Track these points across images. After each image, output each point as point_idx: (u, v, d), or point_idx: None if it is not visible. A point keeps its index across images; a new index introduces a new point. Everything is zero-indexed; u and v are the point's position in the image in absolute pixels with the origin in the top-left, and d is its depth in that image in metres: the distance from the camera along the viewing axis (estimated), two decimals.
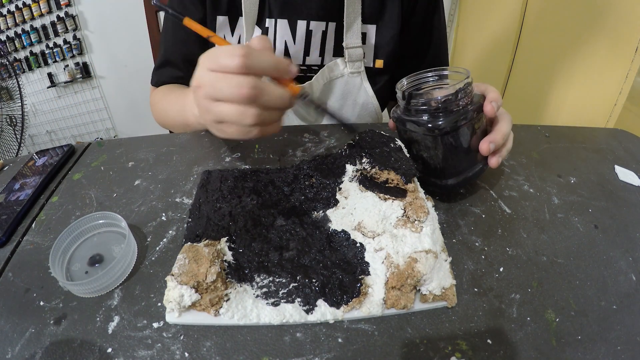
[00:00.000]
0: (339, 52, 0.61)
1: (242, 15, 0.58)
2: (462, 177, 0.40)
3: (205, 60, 0.35)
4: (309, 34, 0.60)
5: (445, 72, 0.40)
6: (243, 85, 0.33)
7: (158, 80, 0.66)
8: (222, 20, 0.60)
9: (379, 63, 0.63)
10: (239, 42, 0.61)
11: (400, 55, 0.64)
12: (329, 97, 0.64)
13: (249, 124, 0.35)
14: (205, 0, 0.58)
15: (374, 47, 0.62)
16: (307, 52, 0.61)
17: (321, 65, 0.62)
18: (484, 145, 0.39)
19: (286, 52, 0.61)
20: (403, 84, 0.41)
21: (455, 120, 0.36)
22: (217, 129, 0.38)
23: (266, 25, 0.59)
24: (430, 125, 0.37)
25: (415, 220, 0.35)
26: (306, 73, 0.62)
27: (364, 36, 0.61)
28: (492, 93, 0.40)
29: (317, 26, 0.59)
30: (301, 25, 0.59)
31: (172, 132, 0.65)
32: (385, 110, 0.76)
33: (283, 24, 0.59)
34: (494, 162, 0.40)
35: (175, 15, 0.38)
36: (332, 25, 0.60)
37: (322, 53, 0.62)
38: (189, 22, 0.38)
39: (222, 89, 0.34)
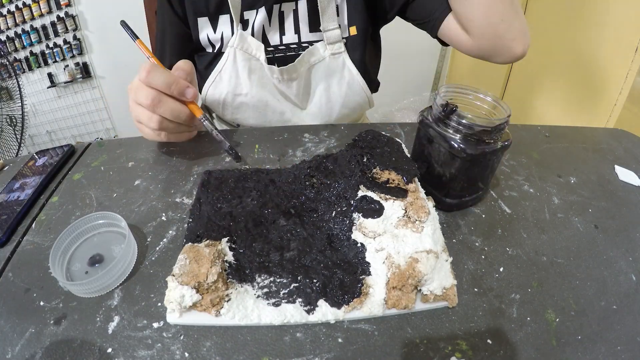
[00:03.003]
0: (314, 28, 0.62)
1: (222, 14, 0.60)
2: (461, 200, 0.41)
3: (139, 72, 0.44)
4: (281, 14, 0.61)
5: (488, 98, 0.39)
6: (147, 96, 0.43)
7: None
8: (203, 21, 0.61)
9: (353, 30, 0.63)
10: (221, 38, 0.62)
11: (371, 16, 0.64)
12: (314, 80, 0.64)
13: (154, 128, 0.45)
14: (185, 4, 0.61)
15: (346, 18, 0.62)
16: (282, 32, 0.62)
17: (299, 43, 0.63)
18: None
19: (264, 36, 0.62)
20: (442, 91, 0.40)
21: (483, 151, 0.36)
22: (138, 128, 0.48)
23: (245, 18, 0.60)
24: (460, 146, 0.36)
25: (416, 220, 0.35)
26: (286, 52, 0.63)
27: (336, 9, 0.61)
28: None
29: (287, 7, 0.61)
30: (275, 8, 0.60)
31: None
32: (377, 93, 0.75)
33: (261, 11, 0.60)
34: None
35: (130, 35, 0.50)
36: (302, 4, 0.60)
37: (297, 31, 0.62)
38: (140, 43, 0.49)
39: (137, 95, 0.44)
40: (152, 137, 0.47)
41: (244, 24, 0.61)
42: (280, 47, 0.63)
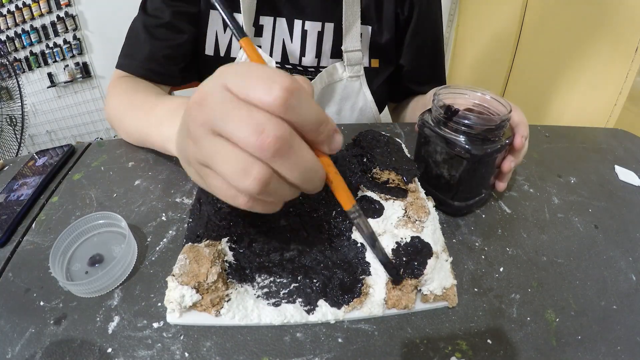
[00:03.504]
0: (336, 54, 0.60)
1: (238, 12, 0.56)
2: (468, 203, 0.40)
3: (227, 75, 0.24)
4: (304, 33, 0.59)
5: (487, 96, 0.39)
6: (269, 131, 0.22)
7: (127, 63, 0.56)
8: (215, 14, 0.57)
9: (375, 62, 0.62)
10: (229, 40, 0.58)
11: (396, 56, 0.64)
12: (328, 101, 0.63)
13: (245, 188, 0.23)
14: None
15: (369, 48, 0.61)
16: (302, 52, 0.60)
17: (317, 67, 0.61)
18: (507, 164, 0.40)
19: (283, 52, 0.60)
20: (440, 94, 0.39)
21: (488, 150, 0.36)
22: (195, 171, 0.27)
23: (260, 23, 0.58)
24: (466, 147, 0.36)
25: (416, 220, 0.35)
26: (303, 74, 0.61)
27: (360, 34, 0.60)
28: (523, 127, 0.40)
29: (312, 26, 0.58)
30: (297, 24, 0.58)
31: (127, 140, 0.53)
32: (385, 111, 0.75)
33: (280, 22, 0.57)
34: (502, 186, 0.42)
35: (235, 31, 0.30)
36: (329, 26, 0.58)
37: (318, 54, 0.60)
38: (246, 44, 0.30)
39: (234, 122, 0.22)
40: (220, 195, 0.25)
41: (258, 29, 0.58)
42: (299, 68, 0.61)
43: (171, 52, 0.56)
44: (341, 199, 0.28)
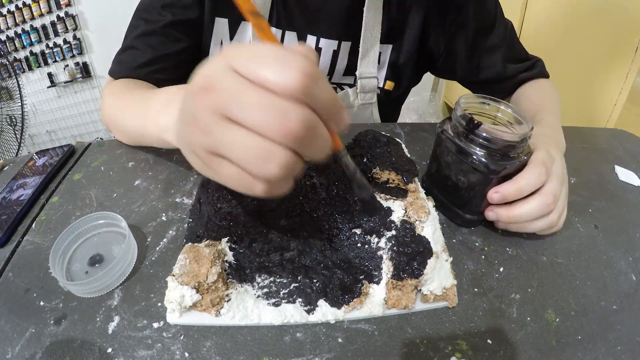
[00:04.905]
0: (349, 72, 0.56)
1: (246, 20, 0.52)
2: (480, 216, 0.39)
3: (234, 56, 0.22)
4: (317, 51, 0.54)
5: (509, 110, 0.38)
6: (292, 115, 0.21)
7: (118, 69, 0.56)
8: (221, 22, 0.53)
9: (389, 85, 0.58)
10: None
11: (416, 76, 0.60)
12: None
13: (267, 175, 0.22)
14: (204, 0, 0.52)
15: (386, 68, 0.57)
16: None
17: None
18: (492, 195, 0.36)
19: None
20: (462, 104, 0.38)
21: (506, 166, 0.35)
22: (203, 161, 0.24)
23: None
24: (484, 162, 0.35)
25: (416, 220, 0.35)
26: None
27: (378, 56, 0.55)
28: (539, 153, 0.36)
29: (327, 44, 0.54)
30: (310, 40, 0.53)
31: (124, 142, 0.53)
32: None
33: (291, 36, 0.53)
34: (490, 216, 0.37)
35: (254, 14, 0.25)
36: (345, 45, 0.54)
37: (330, 72, 0.56)
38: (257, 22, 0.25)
39: (251, 107, 0.21)
40: (234, 185, 0.24)
41: None
42: None
43: (164, 61, 0.53)
44: (335, 144, 0.27)
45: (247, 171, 0.22)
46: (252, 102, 0.21)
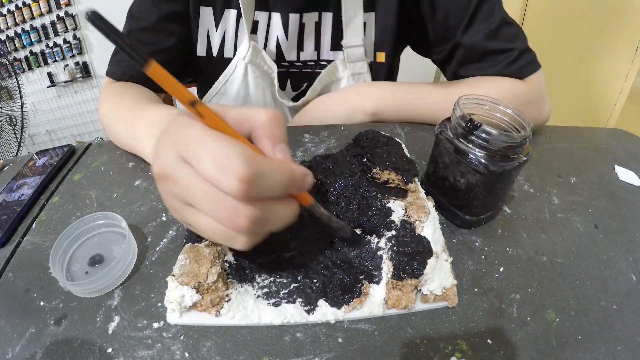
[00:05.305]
0: (337, 47, 0.56)
1: (230, 7, 0.53)
2: (479, 217, 0.39)
3: (181, 145, 0.23)
4: (301, 27, 0.54)
5: (509, 111, 0.37)
6: (241, 215, 0.22)
7: (115, 69, 0.56)
8: (206, 11, 0.54)
9: (381, 56, 0.57)
10: (222, 39, 0.54)
11: (402, 43, 0.58)
12: None
13: (244, 243, 0.25)
14: None
15: (374, 39, 0.56)
16: (300, 47, 0.56)
17: (317, 61, 0.57)
18: None
19: (278, 49, 0.56)
20: (461, 104, 0.37)
21: (506, 167, 0.35)
22: (181, 213, 0.26)
23: (256, 19, 0.54)
24: (484, 163, 0.34)
25: (416, 220, 0.35)
26: (301, 69, 0.58)
27: (363, 26, 0.54)
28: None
29: (309, 18, 0.54)
30: (293, 18, 0.53)
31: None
32: None
33: (275, 17, 0.53)
34: None
35: (135, 56, 0.24)
36: (327, 16, 0.54)
37: (317, 47, 0.56)
38: (154, 69, 0.25)
39: (204, 204, 0.23)
40: (212, 237, 0.26)
41: (253, 25, 0.54)
42: (297, 64, 0.57)
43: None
44: (301, 200, 0.28)
45: (218, 225, 0.24)
46: (202, 199, 0.23)
